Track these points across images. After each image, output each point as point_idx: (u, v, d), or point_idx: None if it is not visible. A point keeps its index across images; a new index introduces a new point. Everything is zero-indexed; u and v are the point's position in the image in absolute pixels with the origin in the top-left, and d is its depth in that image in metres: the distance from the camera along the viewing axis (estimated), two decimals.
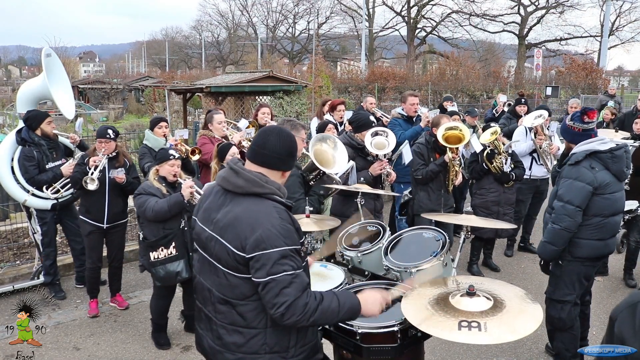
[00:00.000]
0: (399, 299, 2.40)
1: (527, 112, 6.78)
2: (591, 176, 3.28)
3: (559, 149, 5.71)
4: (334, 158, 3.54)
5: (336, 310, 2.00)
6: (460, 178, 4.99)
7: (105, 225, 4.60)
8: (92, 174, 4.39)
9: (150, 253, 3.93)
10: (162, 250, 3.91)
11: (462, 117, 7.21)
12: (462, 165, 5.42)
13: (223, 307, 2.05)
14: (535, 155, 5.89)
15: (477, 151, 5.35)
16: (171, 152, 4.08)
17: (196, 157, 4.98)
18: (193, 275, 2.27)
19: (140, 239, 4.07)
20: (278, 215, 1.97)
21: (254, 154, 2.08)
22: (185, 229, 3.97)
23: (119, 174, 4.48)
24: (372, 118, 4.64)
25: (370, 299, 2.14)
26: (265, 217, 1.95)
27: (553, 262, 3.58)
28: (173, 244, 3.91)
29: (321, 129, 5.31)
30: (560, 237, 3.36)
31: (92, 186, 4.38)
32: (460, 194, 6.87)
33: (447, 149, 4.69)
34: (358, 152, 4.51)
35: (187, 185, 3.92)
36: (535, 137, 5.79)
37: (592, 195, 3.31)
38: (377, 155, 4.45)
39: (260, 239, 1.90)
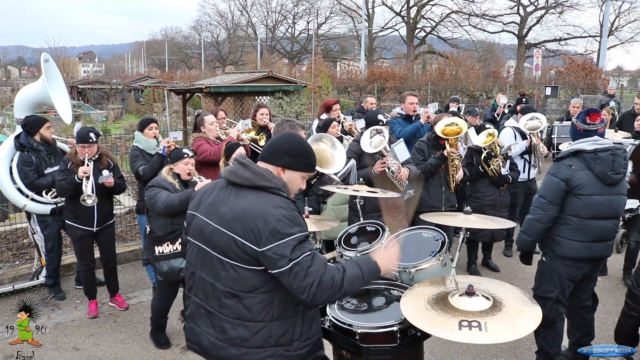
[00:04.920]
0: (397, 299, 2.41)
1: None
2: (567, 173, 3.29)
3: (547, 153, 5.96)
4: (332, 157, 3.54)
5: (360, 276, 2.06)
6: (461, 173, 5.00)
7: (94, 229, 4.57)
8: (85, 186, 4.30)
9: (156, 247, 3.94)
10: (167, 245, 3.92)
11: (463, 118, 7.23)
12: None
13: (229, 300, 2.06)
14: (527, 157, 5.96)
15: (476, 144, 5.37)
16: (185, 150, 4.09)
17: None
18: (189, 271, 2.25)
19: (147, 232, 4.06)
20: (286, 205, 2.04)
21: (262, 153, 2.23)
22: None
23: (108, 179, 4.40)
24: (380, 117, 4.66)
25: (383, 254, 2.23)
26: (275, 208, 2.01)
27: (540, 258, 3.61)
28: (179, 240, 3.92)
29: (325, 126, 5.31)
30: (532, 227, 3.45)
31: (90, 201, 4.32)
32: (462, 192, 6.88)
33: (447, 142, 4.73)
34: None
35: (204, 183, 3.91)
36: (531, 138, 5.85)
37: (567, 194, 3.32)
38: (380, 152, 4.45)
39: (275, 229, 1.95)
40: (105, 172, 4.41)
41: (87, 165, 4.35)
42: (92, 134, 4.40)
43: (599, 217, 3.33)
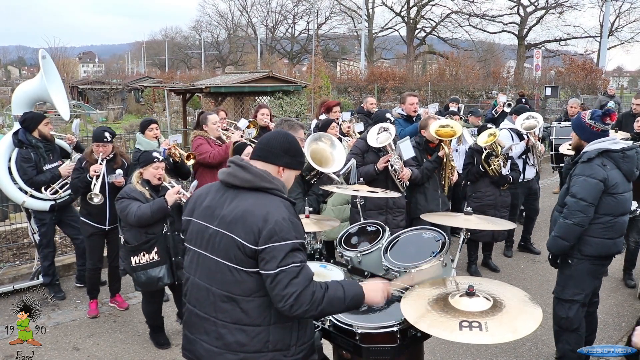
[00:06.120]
0: (398, 299, 2.41)
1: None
2: (603, 173, 3.30)
3: (543, 151, 5.99)
4: (332, 156, 3.53)
5: (342, 298, 2.04)
6: (456, 174, 5.01)
7: (107, 227, 4.61)
8: (94, 185, 4.33)
9: (132, 258, 3.88)
10: (143, 255, 3.87)
11: (465, 118, 7.22)
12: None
13: (226, 305, 2.04)
14: (524, 157, 5.98)
15: (470, 144, 5.37)
16: (155, 154, 4.01)
17: (191, 162, 4.95)
18: (184, 277, 2.23)
19: (122, 242, 4.01)
20: (286, 209, 2.03)
21: (254, 151, 2.21)
22: (168, 233, 3.91)
23: (118, 178, 4.41)
24: (388, 115, 4.69)
25: (373, 287, 2.18)
26: (276, 209, 2.00)
27: (562, 260, 3.57)
28: (155, 249, 3.87)
29: (324, 127, 5.31)
30: (572, 232, 3.38)
31: (97, 200, 4.35)
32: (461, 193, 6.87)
33: (442, 144, 4.72)
34: (371, 147, 4.52)
35: (175, 191, 3.87)
36: (529, 137, 5.88)
37: (603, 194, 3.32)
38: (385, 149, 4.47)
39: (273, 231, 1.95)
40: (117, 172, 4.43)
41: (100, 164, 4.39)
42: (107, 134, 4.44)
43: (625, 213, 3.42)
